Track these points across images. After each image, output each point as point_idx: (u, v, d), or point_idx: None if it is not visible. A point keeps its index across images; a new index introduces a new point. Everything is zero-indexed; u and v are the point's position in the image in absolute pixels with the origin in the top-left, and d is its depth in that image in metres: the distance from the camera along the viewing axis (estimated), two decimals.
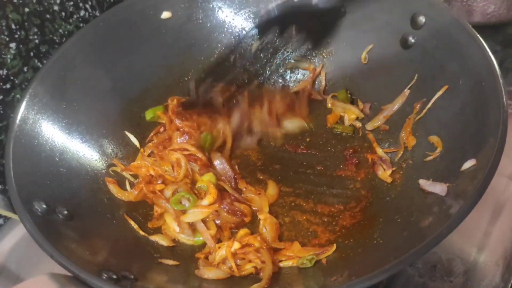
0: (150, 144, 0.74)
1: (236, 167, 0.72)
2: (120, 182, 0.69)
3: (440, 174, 0.56)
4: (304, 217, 0.65)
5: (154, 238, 0.63)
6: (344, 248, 0.59)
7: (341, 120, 0.76)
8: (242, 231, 0.62)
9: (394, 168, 0.66)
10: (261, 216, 0.63)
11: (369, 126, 0.73)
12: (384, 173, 0.66)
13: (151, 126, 0.77)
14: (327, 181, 0.69)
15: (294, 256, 0.59)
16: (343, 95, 0.77)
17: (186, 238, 0.63)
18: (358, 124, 0.74)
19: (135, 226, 0.64)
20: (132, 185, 0.69)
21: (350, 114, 0.75)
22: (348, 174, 0.69)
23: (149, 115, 0.77)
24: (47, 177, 0.60)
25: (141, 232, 0.63)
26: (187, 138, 0.71)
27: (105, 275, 0.49)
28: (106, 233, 0.60)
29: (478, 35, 0.59)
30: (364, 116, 0.74)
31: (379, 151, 0.69)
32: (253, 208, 0.66)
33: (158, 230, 0.65)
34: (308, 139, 0.75)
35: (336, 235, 0.62)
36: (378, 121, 0.72)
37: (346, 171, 0.70)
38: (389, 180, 0.65)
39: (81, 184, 0.64)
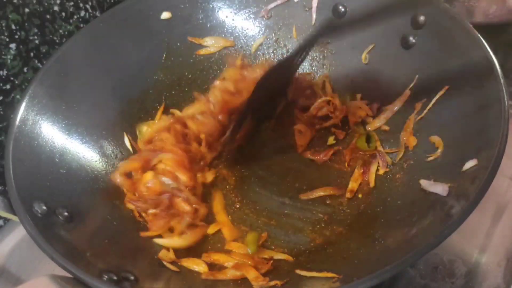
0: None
1: None
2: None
3: (441, 174, 0.56)
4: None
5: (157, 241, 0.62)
6: (345, 248, 0.59)
7: (345, 119, 0.76)
8: None
9: (388, 169, 0.67)
10: None
11: (370, 127, 0.73)
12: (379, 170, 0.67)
13: None
14: None
15: None
16: (348, 98, 0.77)
17: None
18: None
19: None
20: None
21: (360, 112, 0.74)
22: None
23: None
24: (47, 178, 0.59)
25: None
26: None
27: (106, 276, 0.49)
28: (106, 234, 0.60)
29: (480, 36, 0.59)
30: (372, 115, 0.74)
31: (381, 150, 0.69)
32: None
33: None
34: None
35: (337, 235, 0.62)
36: (379, 122, 0.72)
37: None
38: (380, 175, 0.66)
39: (81, 185, 0.63)
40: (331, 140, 0.74)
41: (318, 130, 0.76)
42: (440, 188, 0.54)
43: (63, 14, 0.76)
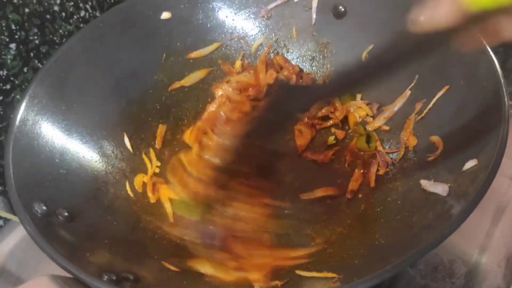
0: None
1: None
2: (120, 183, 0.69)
3: (442, 174, 0.56)
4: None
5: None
6: (345, 248, 0.59)
7: (345, 119, 0.76)
8: None
9: (388, 169, 0.66)
10: None
11: (370, 127, 0.73)
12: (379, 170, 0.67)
13: (151, 127, 0.77)
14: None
15: None
16: (348, 98, 0.77)
17: None
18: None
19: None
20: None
21: (360, 112, 0.75)
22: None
23: None
24: (47, 178, 0.59)
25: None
26: None
27: (106, 277, 0.49)
28: (106, 235, 0.60)
29: (480, 35, 0.58)
30: (372, 115, 0.74)
31: (381, 150, 0.69)
32: None
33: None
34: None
35: (337, 235, 0.62)
36: (379, 122, 0.72)
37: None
38: (380, 175, 0.66)
39: (81, 185, 0.63)
40: (331, 140, 0.74)
41: (318, 130, 0.76)
42: (440, 188, 0.54)
43: (63, 14, 0.76)
